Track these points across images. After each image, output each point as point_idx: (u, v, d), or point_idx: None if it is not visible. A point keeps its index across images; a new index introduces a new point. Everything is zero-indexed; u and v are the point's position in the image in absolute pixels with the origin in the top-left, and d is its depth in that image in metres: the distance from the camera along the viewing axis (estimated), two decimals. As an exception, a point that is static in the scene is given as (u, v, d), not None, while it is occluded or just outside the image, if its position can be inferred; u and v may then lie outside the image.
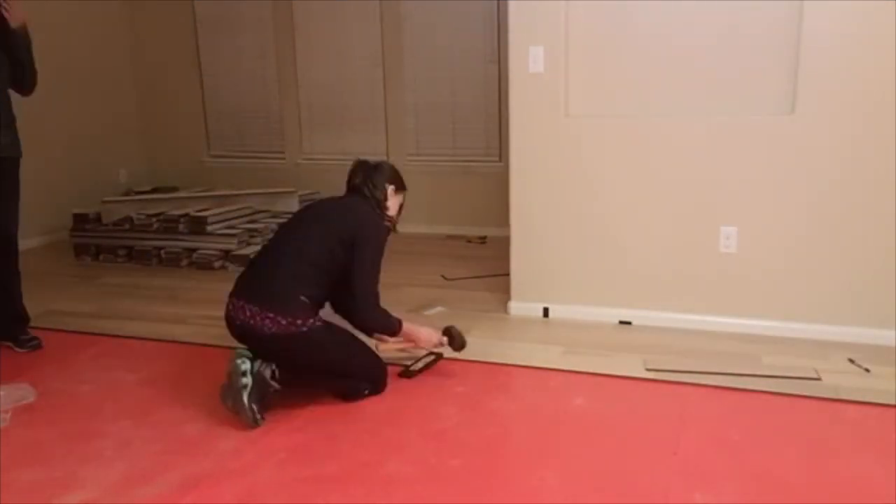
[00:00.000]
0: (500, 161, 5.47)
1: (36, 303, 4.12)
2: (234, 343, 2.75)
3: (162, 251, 4.97)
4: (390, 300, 4.05)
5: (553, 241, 3.65)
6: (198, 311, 3.95)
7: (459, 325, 3.64)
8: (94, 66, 6.04)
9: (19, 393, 2.90)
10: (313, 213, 2.95)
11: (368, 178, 2.94)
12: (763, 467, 2.30)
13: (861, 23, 3.05)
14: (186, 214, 4.96)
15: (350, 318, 2.95)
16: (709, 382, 2.88)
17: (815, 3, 3.10)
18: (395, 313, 3.82)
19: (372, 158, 3.03)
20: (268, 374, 2.65)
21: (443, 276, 4.52)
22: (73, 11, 5.80)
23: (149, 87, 6.42)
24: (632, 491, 2.20)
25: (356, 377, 2.82)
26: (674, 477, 2.26)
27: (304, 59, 5.96)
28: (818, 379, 2.87)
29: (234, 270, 4.78)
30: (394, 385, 2.97)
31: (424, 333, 3.01)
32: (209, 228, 4.90)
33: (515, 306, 3.79)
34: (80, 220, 5.15)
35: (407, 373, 3.03)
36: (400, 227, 5.77)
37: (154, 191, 5.98)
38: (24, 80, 3.25)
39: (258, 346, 2.67)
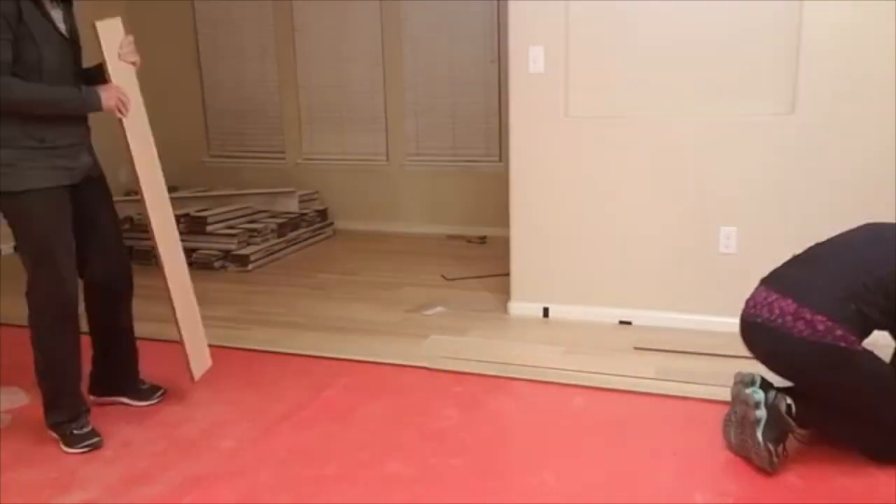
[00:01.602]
0: (500, 161, 5.46)
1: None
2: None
3: (162, 251, 4.96)
4: (390, 300, 4.08)
5: (553, 241, 3.65)
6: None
7: (459, 325, 3.65)
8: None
9: (14, 397, 2.91)
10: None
11: None
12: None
13: (861, 22, 3.05)
14: (186, 214, 4.96)
15: None
16: (709, 382, 2.88)
17: (815, 2, 3.10)
18: (394, 314, 3.85)
19: None
20: (783, 407, 2.21)
21: (443, 276, 4.52)
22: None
23: (149, 87, 6.40)
24: (632, 491, 2.20)
25: (890, 431, 2.24)
26: (674, 477, 2.26)
27: (304, 59, 5.95)
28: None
29: (234, 270, 4.79)
30: (393, 385, 2.97)
31: None
32: (209, 228, 4.90)
33: (515, 306, 3.79)
34: (80, 220, 5.15)
35: None
36: (400, 227, 5.84)
37: (154, 191, 5.98)
38: None
39: (772, 358, 2.29)
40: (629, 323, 3.57)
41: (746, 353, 3.15)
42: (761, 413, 2.20)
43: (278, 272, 4.77)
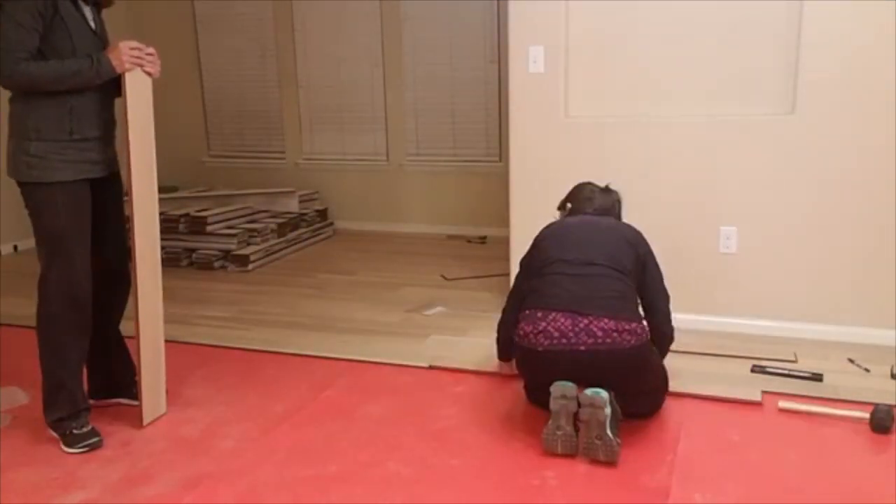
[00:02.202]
0: (500, 161, 5.47)
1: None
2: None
3: (162, 251, 4.95)
4: (390, 300, 4.08)
5: (553, 241, 3.65)
6: (197, 311, 3.96)
7: (459, 325, 3.65)
8: (94, 66, 6.04)
9: (14, 397, 2.91)
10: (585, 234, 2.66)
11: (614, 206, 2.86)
12: (763, 467, 2.30)
13: (861, 22, 3.05)
14: (186, 214, 4.96)
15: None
16: (707, 381, 2.88)
17: (815, 3, 3.10)
18: (394, 314, 3.85)
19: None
20: (613, 400, 2.35)
21: (443, 276, 4.52)
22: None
23: (149, 87, 6.42)
24: (632, 491, 2.20)
25: (663, 390, 2.64)
26: (674, 477, 2.26)
27: (304, 59, 5.96)
28: (819, 379, 2.87)
29: (234, 270, 4.79)
30: (393, 385, 2.97)
31: None
32: (209, 228, 4.90)
33: (515, 306, 3.78)
34: (80, 220, 5.15)
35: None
36: (400, 227, 5.85)
37: (154, 191, 5.99)
38: None
39: (592, 374, 2.34)
40: (629, 323, 3.57)
41: (746, 353, 3.16)
42: (609, 410, 2.29)
43: (278, 272, 4.77)
